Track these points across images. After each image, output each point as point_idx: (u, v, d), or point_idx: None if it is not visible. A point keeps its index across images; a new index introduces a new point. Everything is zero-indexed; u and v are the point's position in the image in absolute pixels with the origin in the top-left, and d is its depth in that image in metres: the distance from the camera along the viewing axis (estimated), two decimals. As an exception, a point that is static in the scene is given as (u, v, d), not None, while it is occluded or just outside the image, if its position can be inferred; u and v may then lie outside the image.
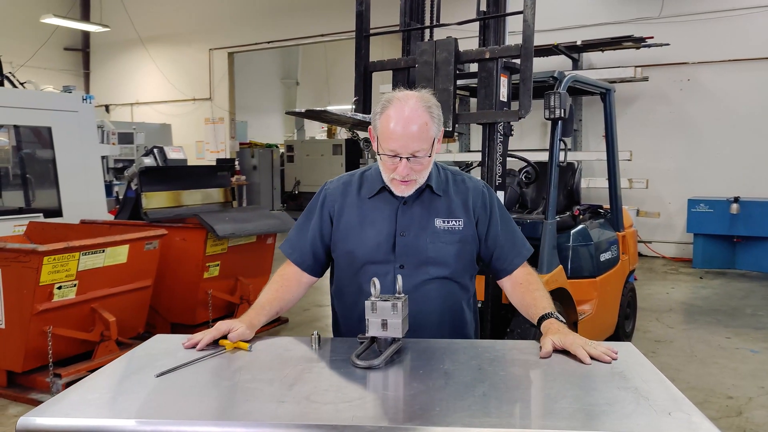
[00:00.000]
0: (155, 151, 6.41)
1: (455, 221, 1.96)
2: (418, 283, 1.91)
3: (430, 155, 1.86)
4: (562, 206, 4.56)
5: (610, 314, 4.61)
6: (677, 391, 1.43)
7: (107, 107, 15.68)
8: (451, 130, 3.51)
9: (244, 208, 10.07)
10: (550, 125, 3.91)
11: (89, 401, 1.41)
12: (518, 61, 3.36)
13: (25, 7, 14.06)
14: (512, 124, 3.52)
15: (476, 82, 3.59)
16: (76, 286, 4.00)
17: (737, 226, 8.11)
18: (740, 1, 8.57)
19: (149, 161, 6.30)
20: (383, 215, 1.96)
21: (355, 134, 13.78)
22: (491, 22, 3.59)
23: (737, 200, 8.05)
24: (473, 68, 3.90)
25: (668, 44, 8.74)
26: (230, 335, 1.76)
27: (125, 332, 4.37)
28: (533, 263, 3.67)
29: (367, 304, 1.65)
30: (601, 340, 1.74)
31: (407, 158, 1.82)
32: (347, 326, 2.05)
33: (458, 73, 3.55)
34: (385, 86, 6.62)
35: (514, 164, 4.42)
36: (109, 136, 11.33)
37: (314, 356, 1.71)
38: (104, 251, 4.14)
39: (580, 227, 4.32)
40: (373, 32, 3.85)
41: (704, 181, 8.92)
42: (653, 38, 8.66)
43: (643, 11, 9.21)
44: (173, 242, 4.93)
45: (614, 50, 8.99)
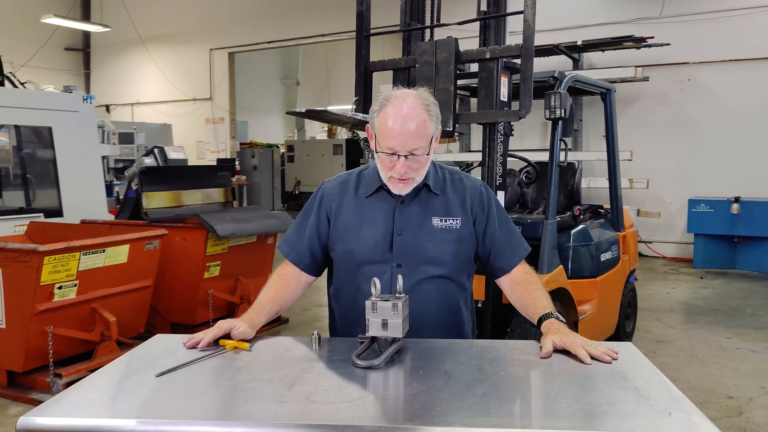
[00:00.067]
0: (156, 151, 6.41)
1: (453, 220, 1.96)
2: (415, 282, 1.90)
3: (428, 153, 1.86)
4: (562, 206, 4.56)
5: (610, 314, 4.61)
6: (678, 391, 1.43)
7: (108, 107, 15.69)
8: (451, 130, 3.50)
9: (244, 208, 10.07)
10: (550, 125, 3.90)
11: (89, 401, 1.41)
12: (519, 61, 3.36)
13: (25, 7, 14.07)
14: (513, 124, 3.52)
15: (477, 82, 3.59)
16: (76, 286, 4.00)
17: (738, 226, 8.11)
18: (740, 1, 8.57)
19: (150, 161, 6.30)
20: (380, 214, 1.96)
21: (355, 134, 13.78)
22: (492, 22, 3.59)
23: (738, 200, 8.05)
24: (474, 68, 3.90)
25: (669, 44, 8.74)
26: (233, 333, 1.76)
27: (125, 332, 4.37)
28: (533, 263, 3.69)
29: (367, 303, 1.65)
30: (601, 340, 1.74)
31: (405, 156, 1.82)
32: (344, 326, 2.05)
33: (459, 73, 3.55)
34: (385, 86, 6.62)
35: (514, 164, 4.42)
36: (109, 136, 11.34)
37: (314, 356, 1.71)
38: (105, 251, 4.14)
39: (580, 227, 4.32)
40: (373, 32, 3.85)
41: (705, 181, 8.92)
42: (654, 38, 8.66)
43: (643, 11, 9.21)
44: (174, 242, 4.93)
45: (615, 50, 8.99)
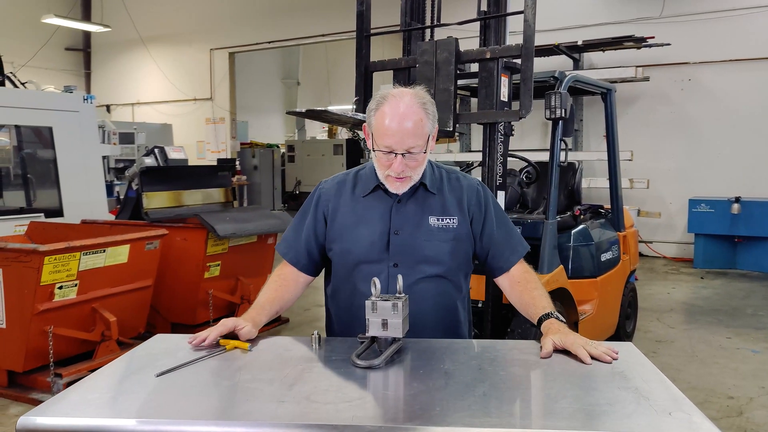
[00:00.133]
0: (156, 151, 6.41)
1: (449, 219, 1.96)
2: (412, 281, 1.90)
3: (425, 151, 1.87)
4: (562, 206, 4.56)
5: (610, 314, 4.60)
6: (678, 391, 1.43)
7: (108, 107, 15.70)
8: (451, 130, 3.50)
9: (244, 208, 10.07)
10: (550, 125, 3.90)
11: (89, 401, 1.41)
12: (519, 61, 3.36)
13: (26, 7, 14.07)
14: (513, 124, 3.52)
15: (477, 82, 3.59)
16: (76, 285, 4.00)
17: (738, 226, 8.10)
18: (741, 1, 8.57)
19: (150, 161, 6.30)
20: (377, 214, 1.96)
21: (355, 134, 13.80)
22: (492, 22, 3.59)
23: (738, 200, 8.04)
24: (474, 68, 3.90)
25: (669, 44, 8.74)
26: (240, 333, 1.76)
27: (126, 332, 4.37)
28: (534, 263, 3.69)
29: (367, 303, 1.65)
30: (601, 340, 1.73)
31: (402, 154, 1.83)
32: (341, 325, 2.04)
33: (459, 73, 3.55)
34: (385, 86, 6.57)
35: (514, 164, 4.42)
36: (110, 136, 11.34)
37: (314, 356, 1.71)
38: (105, 251, 4.14)
39: (580, 227, 4.31)
40: (373, 32, 3.85)
41: (705, 181, 8.92)
42: (654, 38, 8.66)
43: (643, 11, 9.21)
44: (174, 242, 4.93)
45: (615, 50, 8.99)
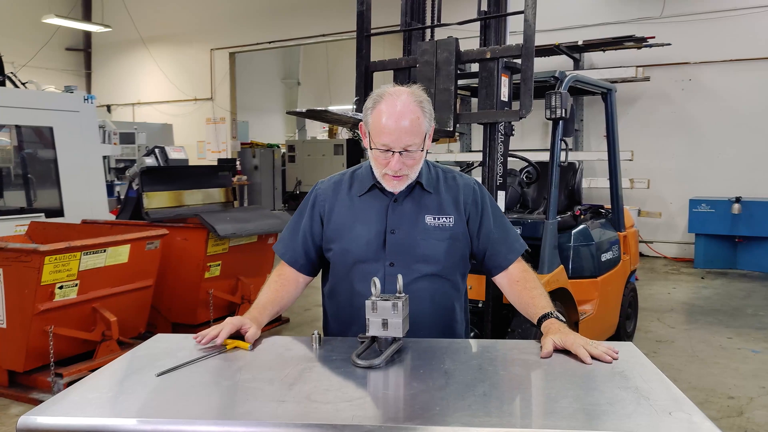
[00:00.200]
0: (156, 151, 6.41)
1: (446, 218, 1.96)
2: (408, 281, 1.88)
3: (422, 150, 1.87)
4: (563, 206, 4.56)
5: (611, 314, 4.60)
6: (678, 391, 1.43)
7: (109, 107, 15.69)
8: (452, 130, 3.50)
9: (245, 208, 10.06)
10: (551, 125, 3.90)
11: (90, 400, 1.41)
12: (519, 60, 3.36)
13: (26, 7, 14.08)
14: (513, 123, 3.52)
15: (477, 81, 3.59)
16: (77, 285, 4.00)
17: (739, 226, 8.10)
18: (742, 0, 8.56)
19: (150, 161, 6.30)
20: (373, 213, 1.96)
21: (356, 134, 13.76)
22: (492, 21, 3.59)
23: (739, 200, 8.04)
24: (474, 68, 3.90)
25: (670, 44, 8.74)
26: (246, 335, 1.76)
27: (126, 332, 4.37)
28: (534, 263, 3.70)
29: (367, 303, 1.65)
30: (602, 340, 1.73)
31: (400, 152, 1.83)
32: (338, 325, 2.04)
33: (459, 72, 3.55)
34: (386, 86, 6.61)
35: (515, 164, 4.42)
36: (110, 136, 11.32)
37: (315, 356, 1.71)
38: (105, 251, 4.14)
39: (581, 227, 4.31)
40: (374, 32, 3.85)
41: (706, 181, 8.91)
42: (655, 38, 8.65)
43: (644, 11, 9.21)
44: (174, 242, 4.93)
45: (616, 50, 8.98)
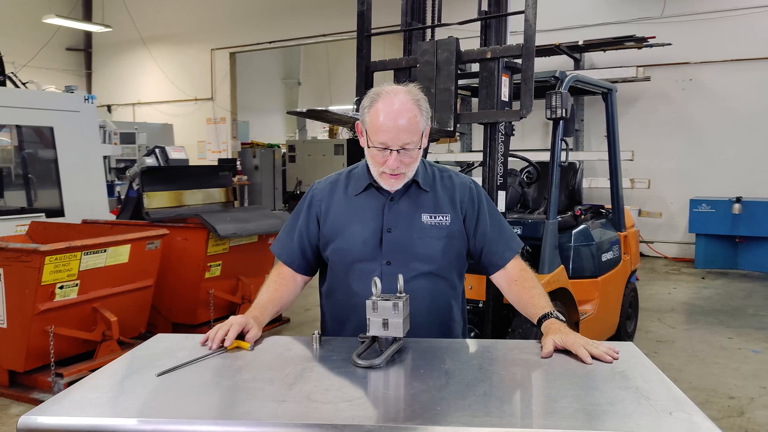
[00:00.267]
0: (157, 151, 6.41)
1: (442, 216, 1.96)
2: (405, 279, 1.87)
3: (419, 148, 1.88)
4: (563, 206, 4.56)
5: (611, 314, 4.60)
6: (678, 391, 1.43)
7: (109, 107, 15.70)
8: (452, 130, 3.50)
9: (245, 207, 10.06)
10: (551, 125, 3.90)
11: (90, 400, 1.41)
12: (520, 60, 3.35)
13: (27, 7, 14.08)
14: (514, 123, 3.51)
15: (478, 81, 3.59)
16: (77, 285, 4.00)
17: (739, 226, 8.10)
18: (742, 0, 8.56)
19: (151, 161, 6.30)
20: (370, 212, 1.97)
21: (356, 134, 13.77)
22: (493, 21, 3.59)
23: (739, 200, 8.04)
24: (475, 68, 3.89)
25: (670, 44, 8.73)
26: (248, 336, 1.76)
27: (127, 332, 4.37)
28: (534, 263, 3.70)
29: (368, 303, 1.65)
30: (602, 340, 1.73)
31: (397, 151, 1.84)
32: (335, 324, 2.04)
33: (460, 72, 3.55)
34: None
35: (515, 164, 4.42)
36: (111, 136, 11.32)
37: (315, 356, 1.71)
38: (106, 251, 4.14)
39: (581, 227, 4.31)
40: (374, 32, 3.85)
41: (706, 181, 8.91)
42: (655, 38, 8.65)
43: (645, 11, 9.20)
44: (175, 242, 4.93)
45: (616, 50, 8.98)
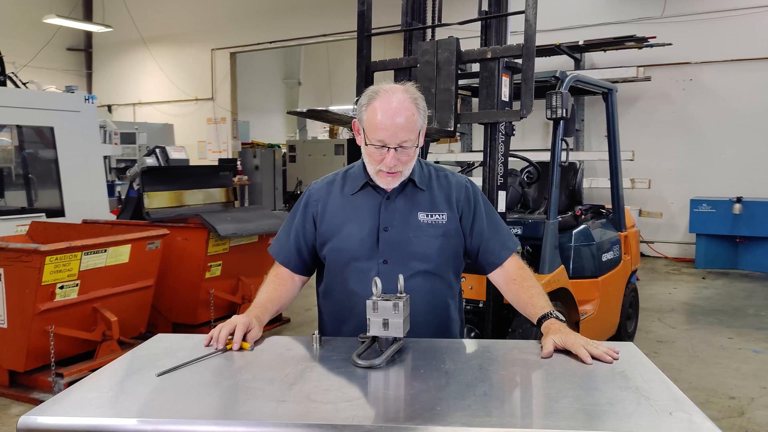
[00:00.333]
0: (157, 151, 6.41)
1: (438, 215, 1.97)
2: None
3: (416, 146, 1.89)
4: (564, 206, 4.56)
5: (612, 314, 4.60)
6: (679, 391, 1.43)
7: (110, 107, 15.70)
8: (452, 130, 3.50)
9: (245, 208, 10.05)
10: (552, 125, 3.90)
11: (90, 400, 1.41)
12: (520, 60, 3.35)
13: (27, 7, 14.09)
14: (514, 123, 3.51)
15: (478, 81, 3.59)
16: (78, 285, 4.00)
17: (740, 226, 8.09)
18: (742, 0, 8.56)
19: (151, 161, 6.30)
20: (366, 211, 1.97)
21: (356, 134, 13.75)
22: (493, 21, 3.58)
23: (740, 200, 8.04)
24: (475, 68, 3.89)
25: (671, 44, 8.73)
26: (249, 336, 1.76)
27: (127, 332, 4.37)
28: (534, 263, 3.70)
29: (368, 303, 1.65)
30: (602, 340, 1.73)
31: (395, 149, 1.84)
32: (332, 324, 2.04)
33: (460, 72, 3.54)
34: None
35: (516, 164, 4.42)
36: (111, 136, 11.31)
37: (315, 356, 1.71)
38: (106, 251, 4.14)
39: (582, 227, 4.31)
40: (374, 32, 3.85)
41: (707, 181, 8.91)
42: (656, 38, 8.65)
43: (645, 11, 9.20)
44: (175, 242, 4.93)
45: (616, 50, 8.98)
